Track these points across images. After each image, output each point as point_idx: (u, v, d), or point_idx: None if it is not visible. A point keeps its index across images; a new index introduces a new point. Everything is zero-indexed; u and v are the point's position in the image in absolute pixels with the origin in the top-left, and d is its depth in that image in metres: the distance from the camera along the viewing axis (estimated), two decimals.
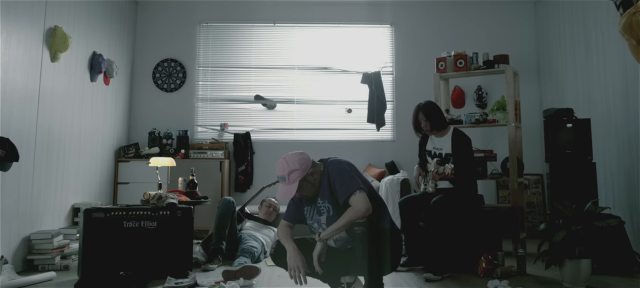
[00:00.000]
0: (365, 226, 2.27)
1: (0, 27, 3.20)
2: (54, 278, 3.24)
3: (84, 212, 3.21)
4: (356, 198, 2.32)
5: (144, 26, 5.71)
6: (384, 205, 2.65)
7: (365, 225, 2.27)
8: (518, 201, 4.22)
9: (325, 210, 2.46)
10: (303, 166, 2.41)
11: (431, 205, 3.43)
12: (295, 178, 2.39)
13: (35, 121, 3.63)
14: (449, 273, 3.34)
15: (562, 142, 3.92)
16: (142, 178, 5.03)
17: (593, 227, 2.98)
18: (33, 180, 3.60)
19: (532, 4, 5.78)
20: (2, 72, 3.23)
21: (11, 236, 3.35)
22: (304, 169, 2.41)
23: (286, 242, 2.47)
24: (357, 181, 2.38)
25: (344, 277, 2.57)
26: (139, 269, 3.13)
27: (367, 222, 2.28)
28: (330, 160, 2.51)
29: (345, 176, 2.38)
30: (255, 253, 3.74)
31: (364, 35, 5.86)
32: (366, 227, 2.27)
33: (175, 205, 3.41)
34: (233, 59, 5.77)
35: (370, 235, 2.27)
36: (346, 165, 2.46)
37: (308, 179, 2.43)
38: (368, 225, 2.28)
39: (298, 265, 2.36)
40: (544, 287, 3.07)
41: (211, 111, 5.71)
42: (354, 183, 2.36)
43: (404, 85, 5.70)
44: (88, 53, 4.49)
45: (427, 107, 3.71)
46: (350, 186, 2.34)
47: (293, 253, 2.41)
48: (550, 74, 5.43)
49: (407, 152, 5.41)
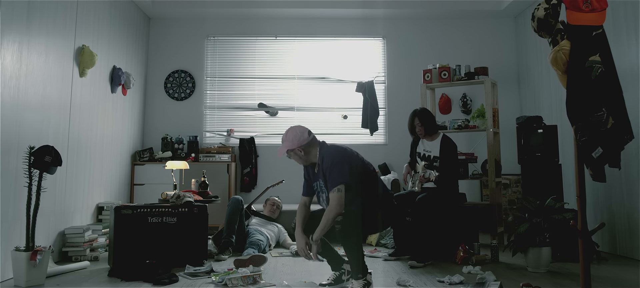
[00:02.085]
0: (342, 223, 2.75)
1: (45, 47, 3.69)
2: (88, 267, 3.72)
3: (114, 209, 3.69)
4: (333, 197, 2.77)
5: (156, 40, 6.19)
6: (375, 175, 3.08)
7: (342, 222, 2.75)
8: (496, 199, 4.71)
9: (324, 191, 2.97)
10: (294, 142, 2.92)
11: (416, 202, 3.92)
12: (285, 147, 2.96)
13: (67, 129, 4.11)
14: (431, 261, 3.83)
15: (533, 146, 4.41)
16: (156, 180, 5.51)
17: (552, 219, 3.47)
18: (66, 182, 4.09)
19: (513, 19, 6.28)
20: (43, 86, 3.72)
21: (49, 230, 3.83)
22: (293, 144, 2.92)
23: (297, 225, 2.98)
24: (341, 175, 2.79)
25: (345, 265, 3.09)
26: (162, 258, 3.62)
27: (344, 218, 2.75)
28: (325, 148, 2.98)
29: (333, 170, 2.82)
30: (261, 245, 4.22)
31: (358, 47, 6.33)
32: (343, 223, 2.75)
33: (192, 203, 3.90)
34: (238, 70, 6.25)
35: (347, 229, 2.75)
36: (337, 157, 2.87)
37: (296, 152, 2.95)
38: (345, 221, 2.75)
39: (302, 247, 2.89)
40: (511, 271, 3.56)
41: (218, 118, 6.19)
42: (337, 179, 2.79)
43: (395, 93, 6.18)
44: (109, 67, 4.98)
45: (423, 113, 4.20)
46: (333, 181, 2.80)
47: (298, 238, 2.94)
48: (528, 84, 5.93)
49: (398, 155, 5.90)
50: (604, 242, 4.32)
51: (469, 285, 3.04)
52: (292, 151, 2.96)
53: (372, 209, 2.95)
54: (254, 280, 3.14)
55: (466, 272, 3.49)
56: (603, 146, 2.11)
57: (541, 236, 3.45)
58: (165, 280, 3.17)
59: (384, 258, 4.05)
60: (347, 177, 2.82)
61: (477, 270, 3.47)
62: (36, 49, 3.63)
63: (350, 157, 2.96)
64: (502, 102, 5.94)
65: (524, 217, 3.61)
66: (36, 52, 3.63)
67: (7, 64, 3.29)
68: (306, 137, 2.95)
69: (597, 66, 2.13)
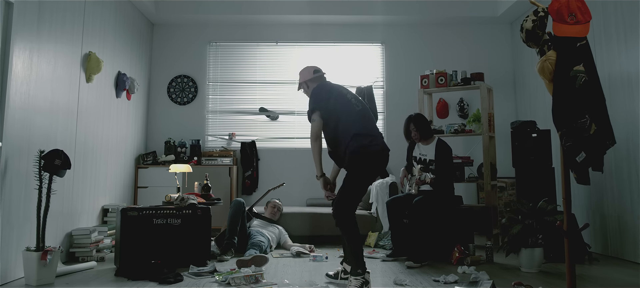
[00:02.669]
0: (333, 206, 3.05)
1: (54, 53, 3.82)
2: (95, 267, 3.84)
3: (121, 211, 3.81)
4: (311, 126, 3.15)
5: (159, 46, 6.33)
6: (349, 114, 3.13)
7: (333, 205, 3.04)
8: (491, 201, 4.83)
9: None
10: (301, 77, 3.44)
11: (413, 204, 4.04)
12: (298, 81, 3.49)
13: (74, 133, 4.23)
14: (427, 261, 3.95)
15: (527, 150, 4.53)
16: (159, 183, 5.64)
17: (544, 221, 3.60)
18: (73, 184, 4.21)
19: (509, 25, 6.41)
20: (51, 92, 3.85)
21: (57, 231, 3.95)
22: (301, 79, 3.43)
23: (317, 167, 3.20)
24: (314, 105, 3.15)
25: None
26: (166, 258, 3.74)
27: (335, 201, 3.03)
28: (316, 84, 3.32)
29: (310, 101, 3.23)
30: (262, 246, 4.33)
31: (358, 53, 6.46)
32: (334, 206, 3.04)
33: (195, 205, 4.02)
34: (240, 75, 6.38)
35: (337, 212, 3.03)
36: (317, 89, 3.24)
37: (303, 86, 3.45)
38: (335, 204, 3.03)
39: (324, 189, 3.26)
40: (505, 271, 3.68)
41: (220, 122, 6.32)
42: (311, 108, 3.17)
43: (394, 98, 6.31)
44: (114, 72, 5.11)
45: (418, 118, 4.33)
46: (309, 111, 3.20)
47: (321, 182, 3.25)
48: (524, 89, 6.06)
49: (396, 158, 5.95)
50: (596, 243, 4.44)
51: (463, 284, 3.16)
52: (301, 85, 3.44)
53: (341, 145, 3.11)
54: (256, 279, 3.25)
55: (461, 272, 3.61)
56: (586, 151, 2.23)
57: (533, 237, 3.57)
58: (171, 280, 3.28)
59: (382, 259, 4.17)
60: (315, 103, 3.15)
61: (471, 270, 3.58)
62: (46, 56, 3.76)
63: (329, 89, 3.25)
64: (498, 107, 6.07)
65: (517, 219, 3.73)
66: (46, 59, 3.76)
67: (19, 71, 3.41)
68: (311, 74, 3.39)
69: (581, 75, 2.26)
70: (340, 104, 3.14)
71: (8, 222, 3.28)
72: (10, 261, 3.31)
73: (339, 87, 3.32)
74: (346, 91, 3.31)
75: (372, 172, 3.08)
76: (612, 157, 4.20)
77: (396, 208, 4.26)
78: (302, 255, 4.35)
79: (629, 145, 4.02)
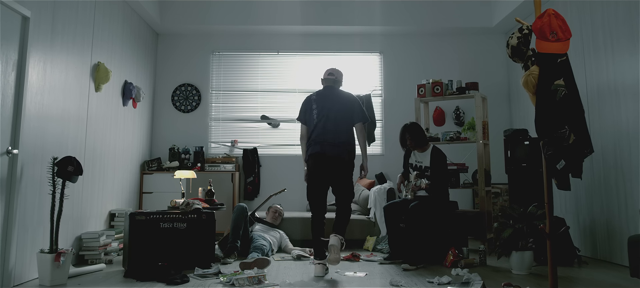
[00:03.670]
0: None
1: (66, 64, 4.00)
2: (104, 269, 4.00)
3: (129, 215, 3.98)
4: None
5: (163, 55, 6.52)
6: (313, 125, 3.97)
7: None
8: (485, 206, 5.00)
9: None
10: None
11: (409, 209, 4.21)
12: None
13: (84, 140, 4.41)
14: (422, 264, 4.12)
15: (519, 157, 4.70)
16: (163, 188, 5.80)
17: (533, 225, 3.76)
18: (83, 190, 4.38)
19: (503, 35, 6.60)
20: (63, 100, 4.03)
21: (67, 235, 4.11)
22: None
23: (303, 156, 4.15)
24: (298, 117, 4.14)
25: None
26: (173, 260, 3.90)
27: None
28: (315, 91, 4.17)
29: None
30: (264, 249, 4.49)
31: (357, 62, 6.64)
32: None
33: (200, 210, 4.19)
34: (242, 83, 6.56)
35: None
36: (303, 103, 4.13)
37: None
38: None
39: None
40: (496, 273, 3.84)
41: (223, 129, 6.49)
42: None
43: (392, 106, 6.49)
44: (121, 82, 5.29)
45: (412, 127, 4.51)
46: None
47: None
48: (518, 97, 6.24)
49: (394, 165, 6.19)
50: (586, 247, 4.60)
51: (455, 285, 3.32)
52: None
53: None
54: (259, 280, 3.42)
55: (454, 274, 3.76)
56: (566, 159, 2.41)
57: (524, 241, 3.74)
58: (178, 281, 3.45)
59: (380, 262, 4.33)
60: (298, 116, 4.15)
61: (464, 272, 3.74)
62: (58, 66, 3.94)
63: (307, 102, 4.10)
64: (493, 115, 6.24)
65: (508, 223, 3.89)
66: (58, 69, 3.94)
67: (33, 80, 3.59)
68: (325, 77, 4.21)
69: (561, 89, 2.44)
70: (308, 117, 4.05)
71: (23, 225, 3.45)
72: (25, 262, 3.48)
73: (321, 99, 4.04)
74: (323, 102, 4.01)
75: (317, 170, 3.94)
76: (600, 164, 4.38)
77: (393, 213, 4.43)
78: (303, 258, 4.52)
79: (615, 153, 4.19)
